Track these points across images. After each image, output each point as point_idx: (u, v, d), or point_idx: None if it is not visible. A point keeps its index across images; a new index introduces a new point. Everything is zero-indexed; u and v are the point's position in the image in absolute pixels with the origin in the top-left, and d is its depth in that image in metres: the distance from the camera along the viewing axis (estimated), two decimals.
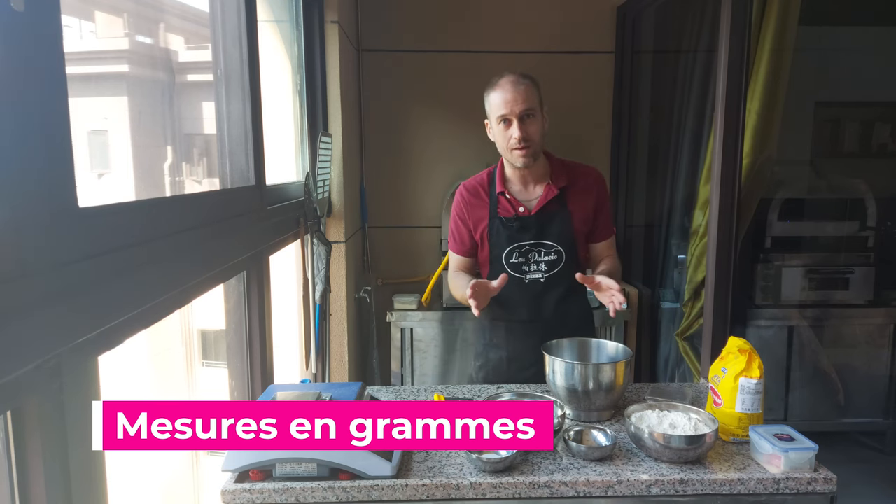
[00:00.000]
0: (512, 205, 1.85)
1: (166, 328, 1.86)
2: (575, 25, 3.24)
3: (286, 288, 2.36)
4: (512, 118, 1.73)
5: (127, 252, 0.99)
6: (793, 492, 1.27)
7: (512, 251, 1.84)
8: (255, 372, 1.72)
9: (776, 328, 3.15)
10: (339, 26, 2.56)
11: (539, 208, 1.84)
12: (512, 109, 1.72)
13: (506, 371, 1.93)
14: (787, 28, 2.43)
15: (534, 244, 1.84)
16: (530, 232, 1.83)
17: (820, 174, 3.45)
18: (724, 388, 1.44)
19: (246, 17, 1.64)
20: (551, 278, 1.84)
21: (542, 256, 1.84)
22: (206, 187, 1.96)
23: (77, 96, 0.89)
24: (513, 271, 1.85)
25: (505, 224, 1.84)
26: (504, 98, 1.73)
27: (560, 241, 1.83)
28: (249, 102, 1.67)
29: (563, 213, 1.84)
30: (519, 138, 1.73)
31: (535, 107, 1.75)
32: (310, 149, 2.46)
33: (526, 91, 1.73)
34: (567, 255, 1.84)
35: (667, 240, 3.27)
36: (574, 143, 3.31)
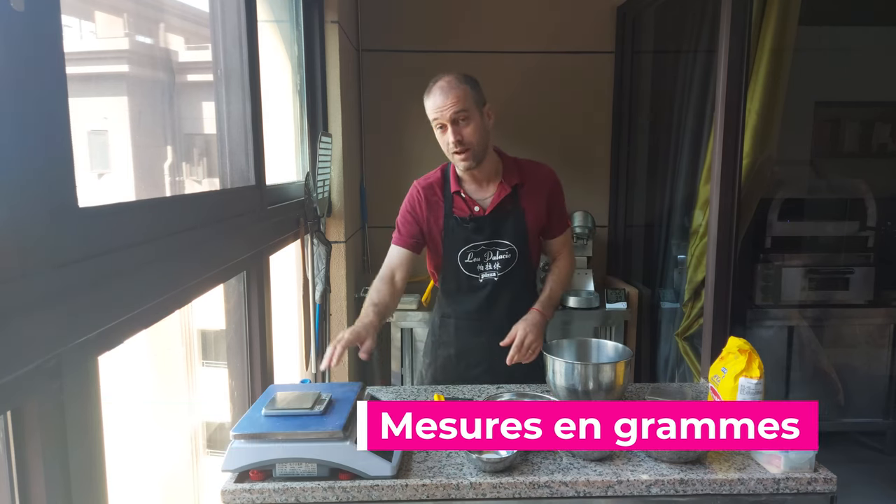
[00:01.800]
0: (467, 204, 1.84)
1: (166, 328, 1.86)
2: (575, 25, 3.24)
3: (286, 288, 2.36)
4: (445, 122, 1.72)
5: (127, 252, 0.98)
6: (793, 492, 1.27)
7: (467, 251, 1.84)
8: (255, 372, 1.72)
9: (776, 328, 3.15)
10: (339, 26, 2.56)
11: (493, 207, 1.83)
12: (443, 114, 1.71)
13: (454, 368, 1.93)
14: (787, 28, 2.43)
15: (489, 244, 1.84)
16: (485, 231, 1.83)
17: (820, 174, 3.45)
18: (724, 388, 1.44)
19: (246, 17, 1.64)
20: (504, 277, 1.85)
21: (496, 255, 1.84)
22: (206, 187, 1.96)
23: (77, 96, 0.89)
24: (467, 271, 1.85)
25: (460, 224, 1.84)
26: (434, 104, 1.72)
27: (514, 240, 1.83)
28: (249, 102, 1.67)
29: (516, 212, 1.84)
30: (454, 142, 1.72)
31: (468, 108, 1.71)
32: (310, 149, 2.46)
33: (456, 94, 1.70)
34: (520, 254, 1.84)
35: (667, 240, 3.27)
36: (574, 143, 3.32)
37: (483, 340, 1.87)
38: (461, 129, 1.72)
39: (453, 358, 1.93)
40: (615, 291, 3.03)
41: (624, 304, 3.00)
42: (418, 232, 1.89)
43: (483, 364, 1.89)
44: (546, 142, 3.28)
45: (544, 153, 1.96)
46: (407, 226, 1.89)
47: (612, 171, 3.36)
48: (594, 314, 2.98)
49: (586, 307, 2.98)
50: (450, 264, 1.87)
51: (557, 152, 3.29)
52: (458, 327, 1.92)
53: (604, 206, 3.37)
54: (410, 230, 1.89)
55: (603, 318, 2.99)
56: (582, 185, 3.32)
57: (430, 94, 1.75)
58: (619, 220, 3.37)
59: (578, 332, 2.96)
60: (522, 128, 3.25)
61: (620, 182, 3.35)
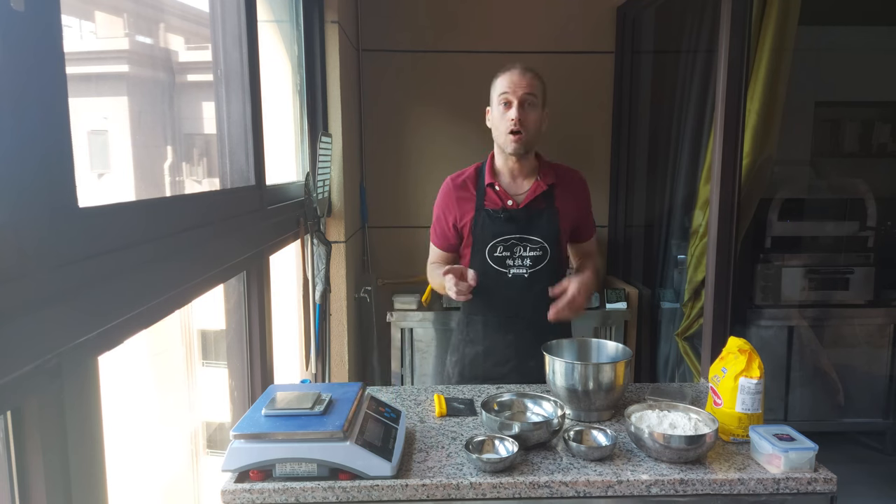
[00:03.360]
0: (500, 197, 1.85)
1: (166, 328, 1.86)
2: (575, 25, 3.24)
3: (286, 288, 2.36)
4: (513, 99, 1.76)
5: (127, 252, 0.98)
6: (793, 492, 1.27)
7: (497, 244, 1.84)
8: (255, 372, 1.72)
9: (776, 328, 3.16)
10: (339, 26, 2.56)
11: (527, 202, 1.84)
12: (514, 90, 1.76)
13: (481, 366, 1.92)
14: (787, 28, 2.43)
15: (519, 238, 1.84)
16: (517, 225, 1.83)
17: (820, 174, 3.45)
18: (724, 388, 1.44)
19: (246, 17, 1.64)
20: (535, 274, 1.84)
21: (527, 251, 1.84)
22: (206, 187, 1.96)
23: (77, 96, 0.89)
24: (496, 265, 1.85)
25: (491, 216, 1.84)
26: (510, 79, 1.77)
27: (546, 238, 1.84)
28: (249, 102, 1.67)
29: (550, 210, 1.85)
30: (516, 120, 1.75)
31: (537, 95, 1.78)
32: (310, 149, 2.46)
33: (532, 79, 1.78)
34: (552, 252, 1.84)
35: (667, 240, 3.27)
36: (574, 143, 3.31)
37: (511, 338, 1.87)
38: (526, 111, 1.77)
39: (481, 355, 1.92)
40: (615, 291, 3.03)
41: (624, 304, 3.00)
42: (449, 229, 1.90)
43: (511, 362, 1.89)
44: (546, 142, 3.27)
45: (544, 153, 1.96)
46: (440, 225, 1.93)
47: (612, 171, 3.36)
48: (594, 314, 2.98)
49: (586, 307, 2.98)
50: (478, 257, 1.86)
51: (557, 152, 3.27)
52: (486, 324, 1.91)
53: (604, 206, 3.37)
54: (444, 229, 1.92)
55: (603, 318, 2.99)
56: None
57: (507, 72, 1.80)
58: (619, 220, 3.37)
59: (578, 332, 2.94)
60: None
61: (620, 182, 3.35)
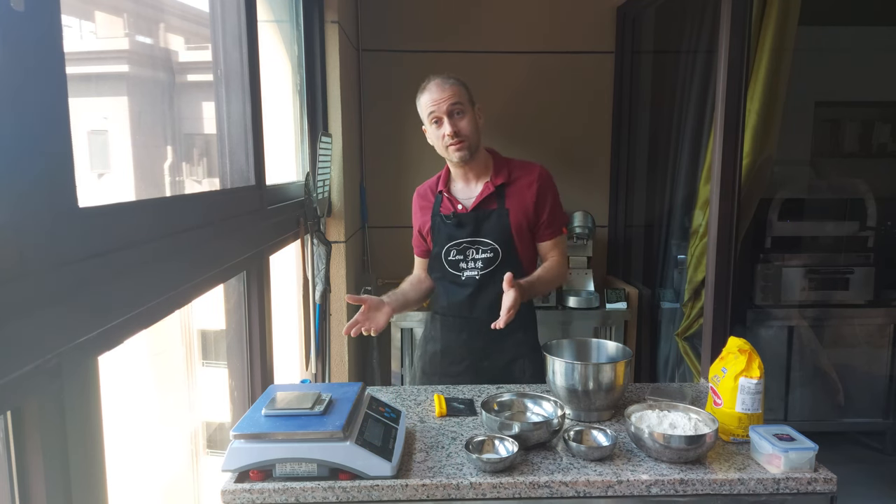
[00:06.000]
0: (451, 202, 1.89)
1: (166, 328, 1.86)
2: (575, 25, 3.24)
3: (286, 288, 2.36)
4: (441, 115, 1.79)
5: (127, 252, 0.98)
6: (793, 492, 1.27)
7: (450, 248, 1.88)
8: (255, 372, 1.72)
9: (776, 328, 3.16)
10: (339, 26, 2.56)
11: (475, 205, 1.86)
12: (439, 107, 1.78)
13: (439, 364, 1.96)
14: (787, 28, 2.43)
15: (470, 241, 1.86)
16: (466, 229, 1.86)
17: (820, 174, 3.45)
18: (724, 388, 1.44)
19: (246, 17, 1.64)
20: (486, 276, 1.86)
21: (478, 254, 1.86)
22: (206, 187, 1.96)
23: (77, 96, 0.89)
24: (450, 268, 1.89)
25: (444, 221, 1.89)
26: (431, 97, 1.79)
27: (496, 239, 1.85)
28: (249, 102, 1.67)
29: (500, 211, 1.86)
30: (451, 133, 1.78)
31: (463, 102, 1.80)
32: (310, 149, 2.46)
33: (452, 88, 1.79)
34: (504, 253, 1.85)
35: (667, 240, 3.27)
36: (574, 143, 3.31)
37: (465, 338, 1.91)
38: (457, 121, 1.79)
39: (438, 354, 1.96)
40: (615, 291, 3.03)
41: (624, 304, 3.00)
42: (420, 237, 2.01)
43: (465, 361, 1.92)
44: (546, 142, 3.28)
45: (544, 153, 1.97)
46: (414, 233, 2.03)
47: (612, 171, 3.36)
48: (594, 314, 2.98)
49: (586, 307, 2.98)
50: (436, 261, 1.92)
51: (557, 152, 3.29)
52: (443, 324, 1.96)
53: (604, 205, 3.37)
54: (416, 237, 2.02)
55: (603, 318, 2.99)
56: (582, 185, 3.32)
57: (425, 91, 1.82)
58: (619, 220, 3.37)
59: (578, 332, 2.96)
60: (522, 128, 3.25)
61: (620, 182, 3.35)
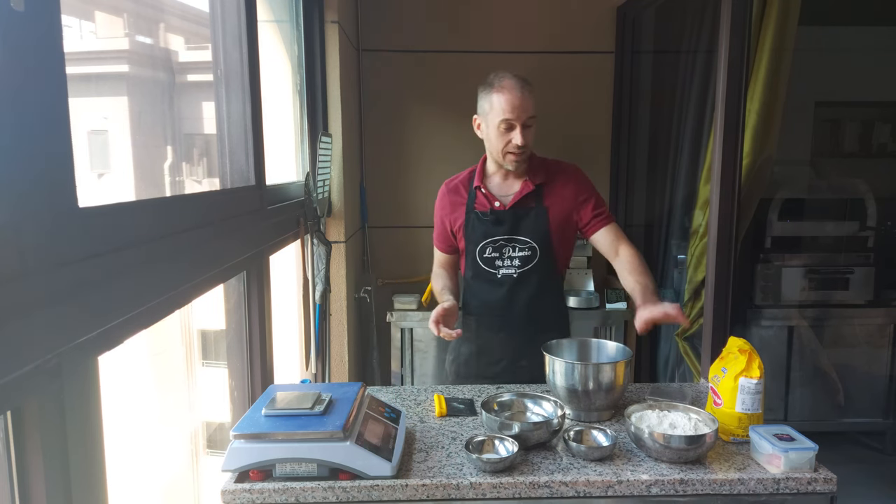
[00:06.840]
0: (488, 199, 1.87)
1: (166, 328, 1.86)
2: (575, 25, 3.24)
3: (286, 288, 2.36)
4: (517, 124, 1.74)
5: (127, 252, 0.98)
6: (793, 492, 1.27)
7: (486, 245, 1.86)
8: (255, 372, 1.72)
9: (776, 328, 3.15)
10: (339, 26, 2.56)
11: (514, 203, 1.85)
12: (519, 116, 1.72)
13: (475, 365, 1.94)
14: (787, 28, 2.43)
15: (507, 239, 1.85)
16: (504, 226, 1.84)
17: (820, 174, 3.45)
18: (724, 388, 1.44)
19: (246, 17, 1.64)
20: (524, 274, 1.85)
21: (515, 252, 1.85)
22: (206, 187, 1.96)
23: (77, 96, 0.89)
24: (486, 266, 1.87)
25: (480, 218, 1.86)
26: (512, 103, 1.71)
27: (534, 237, 1.84)
28: (249, 102, 1.67)
29: (538, 209, 1.85)
30: (522, 144, 1.74)
31: (535, 114, 1.76)
32: (310, 149, 2.46)
33: (530, 96, 1.74)
34: (541, 252, 1.84)
35: (667, 240, 3.27)
36: (574, 143, 3.31)
37: (503, 337, 1.88)
38: (527, 133, 1.75)
39: (474, 355, 1.94)
40: (615, 291, 3.03)
41: (624, 303, 3.00)
42: (447, 232, 1.95)
43: (503, 361, 1.90)
44: (546, 142, 3.26)
45: (544, 153, 1.96)
46: (439, 228, 1.98)
47: (612, 171, 3.35)
48: (594, 314, 2.98)
49: (586, 307, 2.98)
50: (470, 259, 1.89)
51: (557, 152, 3.26)
52: (478, 323, 1.93)
53: None
54: (443, 232, 1.97)
55: (603, 318, 2.99)
56: None
57: (503, 91, 1.72)
58: (619, 220, 3.35)
59: (578, 332, 2.95)
60: None
61: (620, 182, 3.35)
